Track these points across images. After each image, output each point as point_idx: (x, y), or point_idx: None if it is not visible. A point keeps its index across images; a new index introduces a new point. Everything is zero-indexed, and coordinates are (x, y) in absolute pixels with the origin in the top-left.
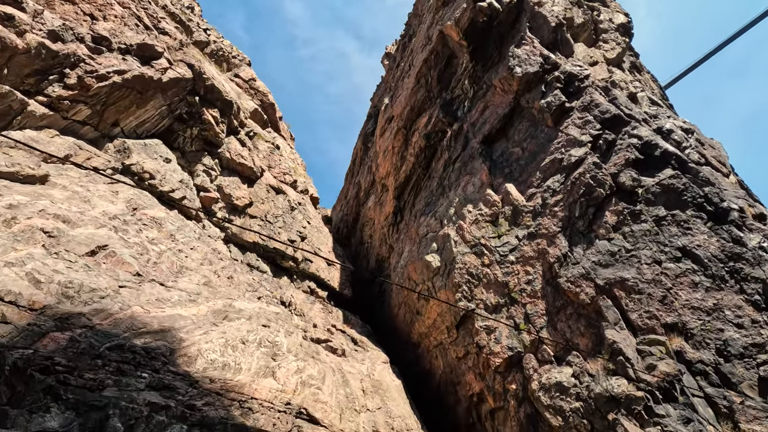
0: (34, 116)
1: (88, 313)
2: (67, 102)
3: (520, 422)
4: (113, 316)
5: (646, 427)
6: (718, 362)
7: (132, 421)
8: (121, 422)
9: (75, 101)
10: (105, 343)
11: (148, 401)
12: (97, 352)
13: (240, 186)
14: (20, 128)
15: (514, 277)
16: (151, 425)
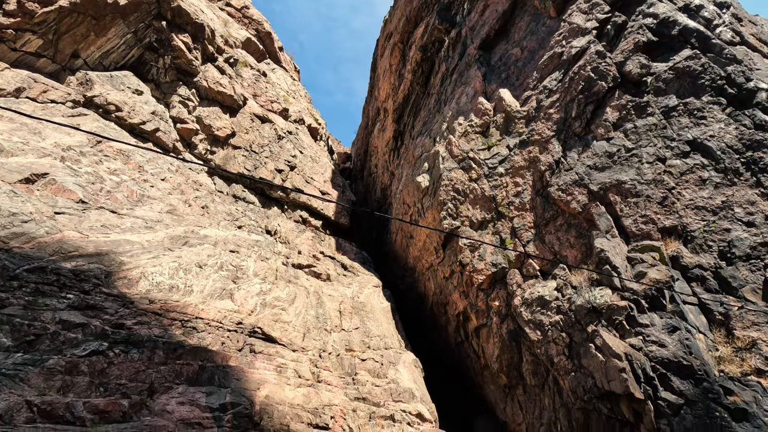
0: None
1: (3, 237)
2: (11, 31)
3: (501, 338)
4: (36, 239)
5: (627, 337)
6: (718, 266)
7: (30, 338)
8: (11, 339)
9: (20, 30)
10: (23, 266)
11: (60, 319)
12: (11, 274)
13: (221, 116)
14: None
15: (503, 190)
16: (57, 342)
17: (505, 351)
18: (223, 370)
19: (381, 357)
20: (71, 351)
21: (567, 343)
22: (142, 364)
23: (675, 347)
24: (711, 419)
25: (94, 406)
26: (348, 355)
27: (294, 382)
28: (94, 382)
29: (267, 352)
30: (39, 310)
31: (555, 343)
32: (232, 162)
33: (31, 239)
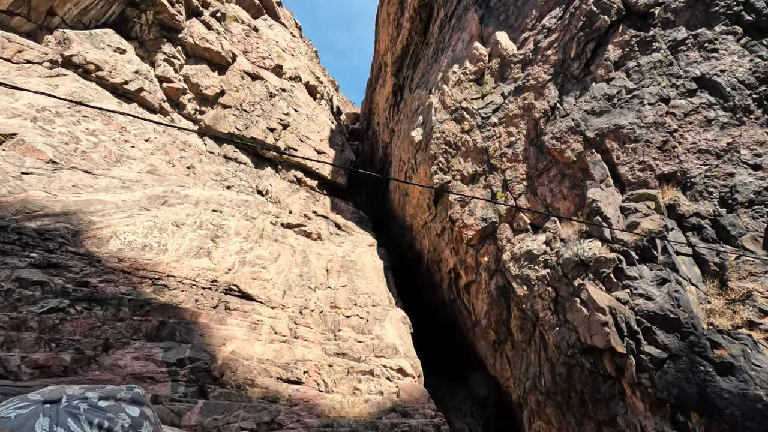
0: None
1: None
2: None
3: (490, 294)
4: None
5: (614, 291)
6: (717, 214)
7: None
8: None
9: None
10: None
11: (17, 277)
12: None
13: (209, 74)
14: None
15: (495, 141)
16: (11, 299)
17: (493, 307)
18: (186, 326)
19: (367, 314)
20: (27, 308)
21: (553, 297)
22: (98, 320)
23: (662, 300)
24: (694, 373)
25: (33, 361)
26: (332, 312)
27: (266, 338)
28: (43, 338)
29: (242, 309)
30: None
31: (541, 297)
32: (222, 122)
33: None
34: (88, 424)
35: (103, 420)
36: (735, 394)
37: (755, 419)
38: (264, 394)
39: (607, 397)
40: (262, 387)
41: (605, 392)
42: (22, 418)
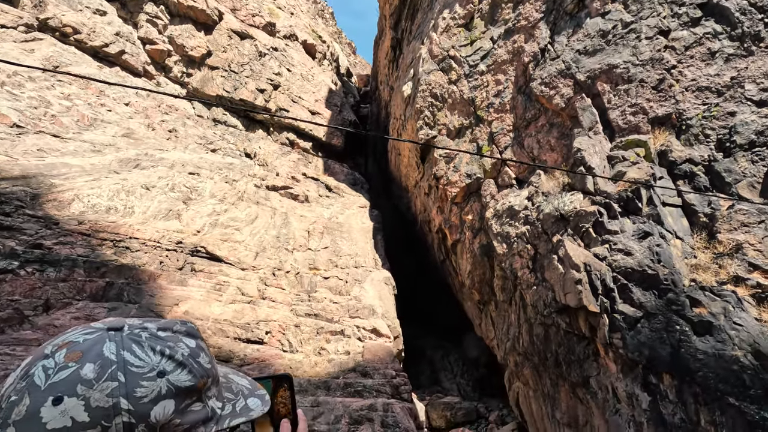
0: None
1: None
2: None
3: (473, 254)
4: None
5: (593, 246)
6: (712, 159)
7: None
8: None
9: None
10: None
11: None
12: None
13: (194, 34)
14: None
15: (482, 90)
16: None
17: (476, 267)
18: (137, 287)
19: (347, 275)
20: None
21: (531, 255)
22: (39, 281)
23: (642, 255)
24: (669, 333)
25: None
26: (310, 273)
27: (228, 298)
28: None
29: (208, 271)
30: None
31: (520, 255)
32: (211, 84)
33: None
34: (151, 351)
35: (165, 347)
36: (710, 355)
37: (729, 382)
38: (216, 354)
39: (581, 358)
40: (215, 347)
41: (579, 353)
42: (89, 343)
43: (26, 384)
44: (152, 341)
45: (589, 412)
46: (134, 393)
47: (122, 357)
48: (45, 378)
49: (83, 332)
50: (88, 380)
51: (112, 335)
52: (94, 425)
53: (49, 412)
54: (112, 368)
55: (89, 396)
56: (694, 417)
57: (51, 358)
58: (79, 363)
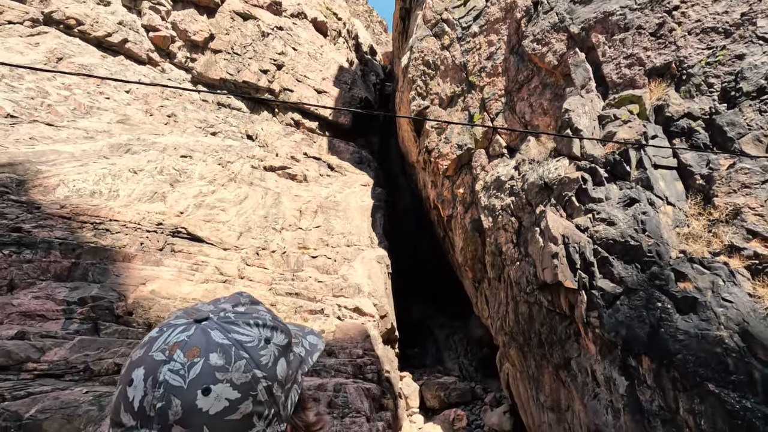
0: None
1: None
2: None
3: (465, 229)
4: None
5: (576, 217)
6: (714, 111)
7: None
8: None
9: None
10: None
11: None
12: None
13: (197, 18)
14: None
15: (475, 54)
16: None
17: (468, 243)
18: (102, 267)
19: (336, 254)
20: None
21: (516, 229)
22: (4, 262)
23: (625, 225)
24: (649, 311)
25: None
26: (298, 252)
27: (200, 278)
28: None
29: (187, 251)
30: None
31: (504, 229)
32: (214, 67)
33: None
34: (246, 326)
35: (254, 319)
36: (692, 336)
37: (710, 365)
38: None
39: (563, 339)
40: None
41: (561, 333)
42: (196, 338)
43: (164, 389)
44: (241, 318)
45: (570, 396)
46: (261, 362)
47: (233, 338)
48: (181, 378)
49: (179, 331)
50: (221, 366)
51: (207, 325)
52: (245, 398)
53: (205, 401)
54: (233, 350)
55: (230, 377)
56: (672, 404)
57: (172, 361)
58: (202, 356)
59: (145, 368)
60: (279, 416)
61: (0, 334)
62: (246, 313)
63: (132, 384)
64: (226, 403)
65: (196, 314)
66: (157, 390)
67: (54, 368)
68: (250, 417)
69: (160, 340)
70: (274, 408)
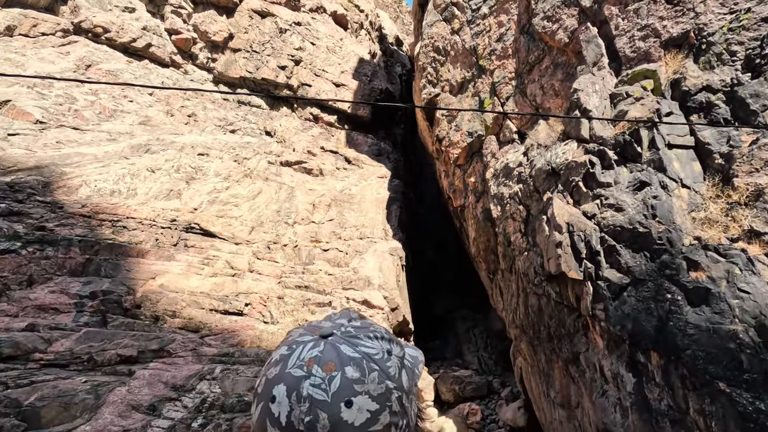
0: None
1: None
2: None
3: (477, 219)
4: None
5: (583, 203)
6: (736, 83)
7: None
8: None
9: None
10: None
11: None
12: None
13: (216, 19)
14: None
15: (485, 37)
16: None
17: (481, 233)
18: (114, 263)
19: (348, 247)
20: None
21: (524, 217)
22: (25, 259)
23: (634, 210)
24: (657, 303)
25: None
26: (310, 245)
27: (209, 272)
28: None
29: (199, 246)
30: None
31: (513, 218)
32: (234, 66)
33: None
34: (368, 339)
35: (372, 333)
36: (703, 330)
37: (721, 362)
38: (184, 324)
39: (572, 332)
40: (186, 318)
41: (570, 326)
42: (329, 353)
43: (310, 404)
44: (361, 332)
45: (579, 393)
46: (390, 373)
47: (362, 351)
48: (323, 392)
49: (310, 348)
50: (357, 379)
51: (334, 340)
52: (383, 408)
53: (349, 414)
54: (364, 363)
55: (367, 389)
56: (682, 404)
57: (312, 376)
58: (339, 370)
59: (286, 384)
60: (409, 427)
61: (12, 326)
62: (363, 327)
63: (275, 400)
64: (368, 415)
65: (319, 330)
66: (303, 404)
67: (59, 358)
68: (389, 428)
69: (293, 357)
70: (406, 418)
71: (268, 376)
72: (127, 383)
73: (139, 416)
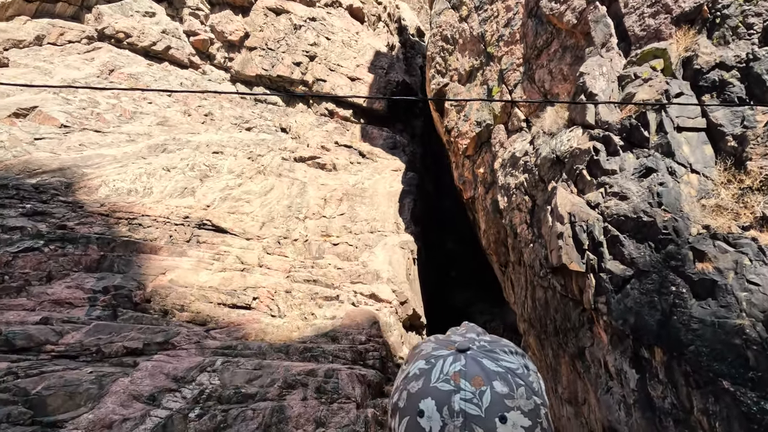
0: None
1: None
2: None
3: (486, 211)
4: (3, 162)
5: (587, 192)
6: (752, 57)
7: None
8: None
9: None
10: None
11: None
12: None
13: (232, 19)
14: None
15: (492, 23)
16: None
17: (491, 225)
18: (127, 259)
19: (358, 240)
20: (5, 249)
21: (529, 208)
22: (46, 256)
23: (639, 198)
24: (661, 296)
25: None
26: (320, 240)
27: (218, 267)
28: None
29: (211, 242)
30: None
31: (519, 209)
32: (250, 64)
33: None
34: (505, 354)
35: (507, 348)
36: (708, 325)
37: (726, 359)
38: (192, 318)
39: (577, 326)
40: (193, 312)
41: (575, 320)
42: (473, 367)
43: (464, 418)
44: (497, 346)
45: (585, 389)
46: (534, 388)
47: (504, 365)
48: (476, 407)
49: (451, 362)
50: (507, 394)
51: (474, 354)
52: (535, 425)
53: (504, 429)
54: (509, 378)
55: (518, 404)
56: (686, 403)
57: (462, 390)
58: (487, 384)
59: (434, 399)
60: None
61: (27, 319)
62: (494, 341)
63: (424, 415)
64: (522, 431)
65: (454, 344)
66: (456, 419)
67: (69, 350)
68: None
69: (435, 371)
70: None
71: (410, 390)
72: (131, 374)
73: (140, 406)
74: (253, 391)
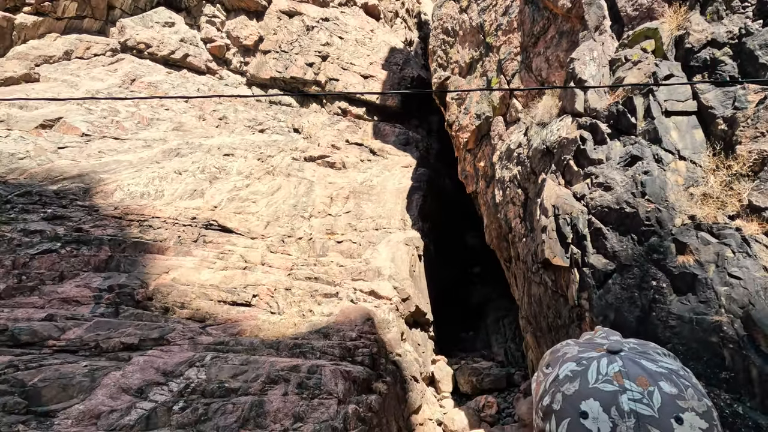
0: (28, 27)
1: (1, 173)
2: (48, 3)
3: (488, 205)
4: (28, 171)
5: (575, 183)
6: (745, 32)
7: None
8: None
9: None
10: (14, 192)
11: (21, 228)
12: (5, 199)
13: (247, 23)
14: (23, 42)
15: (491, 12)
16: (12, 245)
17: (492, 220)
18: (132, 259)
19: (362, 238)
20: (25, 251)
21: (522, 201)
22: (58, 257)
23: (623, 188)
24: (642, 291)
25: None
26: (324, 238)
27: (220, 265)
28: (12, 273)
29: (216, 242)
30: (15, 223)
31: (512, 203)
32: (264, 67)
33: (24, 171)
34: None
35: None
36: (686, 322)
37: (702, 358)
38: (191, 315)
39: (567, 323)
40: (193, 309)
41: (565, 317)
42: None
43: (636, 419)
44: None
45: None
46: (702, 390)
47: (665, 366)
48: (648, 407)
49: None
50: (677, 395)
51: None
52: (712, 428)
53: (682, 431)
54: (675, 379)
55: (692, 405)
56: None
57: (628, 390)
58: (653, 385)
59: (598, 400)
60: None
61: (34, 316)
62: (644, 343)
63: (588, 416)
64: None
65: (602, 346)
66: (628, 420)
67: (70, 345)
68: None
69: (591, 372)
70: None
71: (565, 392)
72: (123, 368)
73: (128, 398)
74: (236, 386)
